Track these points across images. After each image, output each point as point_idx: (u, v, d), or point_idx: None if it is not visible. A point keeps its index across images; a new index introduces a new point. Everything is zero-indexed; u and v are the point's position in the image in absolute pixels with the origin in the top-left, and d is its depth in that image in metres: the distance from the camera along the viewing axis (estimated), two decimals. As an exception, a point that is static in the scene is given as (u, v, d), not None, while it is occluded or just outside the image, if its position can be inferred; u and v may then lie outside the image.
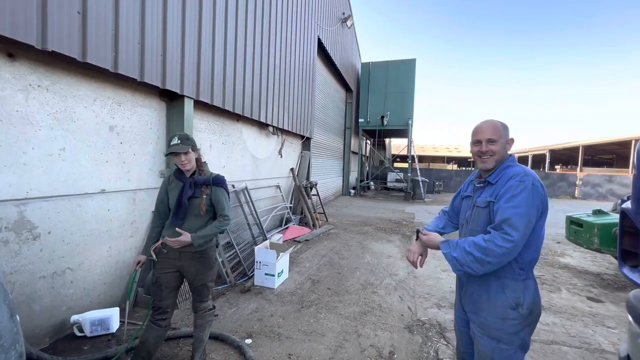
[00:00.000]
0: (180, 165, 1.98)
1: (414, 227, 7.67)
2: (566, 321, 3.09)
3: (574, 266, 4.92)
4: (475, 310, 1.44)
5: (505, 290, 1.35)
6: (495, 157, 1.42)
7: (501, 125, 1.45)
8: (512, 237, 1.22)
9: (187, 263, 2.02)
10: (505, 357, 1.34)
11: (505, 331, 1.34)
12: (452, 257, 1.36)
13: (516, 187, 1.29)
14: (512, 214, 1.25)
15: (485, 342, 1.38)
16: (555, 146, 23.75)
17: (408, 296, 3.60)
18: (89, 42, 2.34)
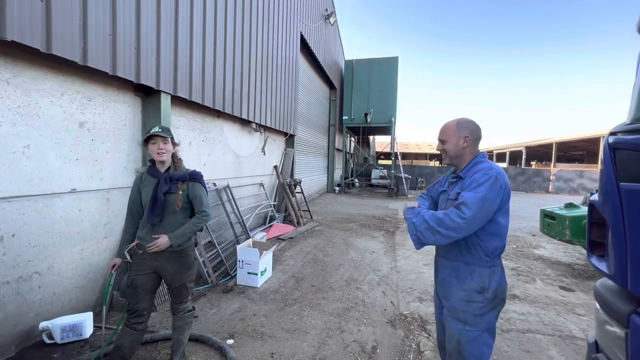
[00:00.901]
0: (157, 154, 1.88)
1: (397, 223, 7.78)
2: (540, 310, 3.22)
3: (547, 257, 5.14)
4: (446, 295, 1.53)
5: (473, 276, 1.44)
6: (448, 155, 1.57)
7: (456, 125, 1.55)
8: (465, 214, 1.33)
9: (164, 263, 1.94)
10: (470, 338, 1.42)
11: (471, 313, 1.42)
12: (412, 222, 1.48)
13: (480, 178, 1.40)
14: (470, 197, 1.35)
15: (453, 325, 1.47)
16: (531, 143, 24.73)
17: (391, 291, 3.65)
18: (54, 33, 2.20)
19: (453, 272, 1.51)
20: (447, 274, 1.54)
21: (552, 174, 18.84)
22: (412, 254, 5.11)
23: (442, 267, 1.59)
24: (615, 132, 1.24)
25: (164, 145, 1.89)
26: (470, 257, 1.45)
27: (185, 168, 2.07)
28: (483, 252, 1.43)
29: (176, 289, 2.02)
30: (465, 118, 1.57)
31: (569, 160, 31.18)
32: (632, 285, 1.09)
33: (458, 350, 1.45)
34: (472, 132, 1.53)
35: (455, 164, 1.58)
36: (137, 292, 1.91)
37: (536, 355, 2.45)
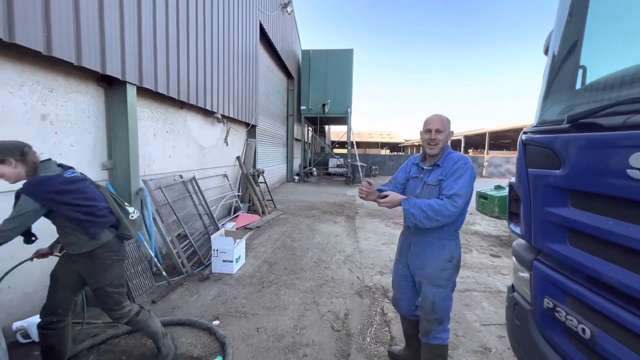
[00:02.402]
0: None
1: (356, 208, 8.35)
2: (475, 274, 3.93)
3: (481, 232, 6.08)
4: (421, 266, 1.86)
5: (445, 249, 1.81)
6: (439, 145, 1.82)
7: (447, 119, 1.86)
8: (458, 204, 1.67)
9: (78, 265, 1.89)
10: (442, 298, 1.82)
11: (443, 278, 1.81)
12: (410, 212, 1.71)
13: (462, 168, 1.73)
14: (460, 188, 1.68)
15: (429, 289, 1.84)
16: (468, 133, 27.52)
17: (356, 268, 4.09)
18: (16, 20, 2.09)
19: (427, 247, 1.82)
20: (422, 249, 1.84)
21: (486, 161, 21.34)
22: (372, 235, 5.64)
23: (417, 243, 1.88)
24: (526, 131, 1.71)
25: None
26: (442, 233, 1.78)
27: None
28: (454, 227, 1.80)
29: (96, 293, 1.93)
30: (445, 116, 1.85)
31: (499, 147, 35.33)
32: (534, 241, 1.57)
33: (432, 308, 1.82)
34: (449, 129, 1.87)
35: (436, 154, 1.84)
36: (57, 286, 1.91)
37: (473, 307, 3.06)
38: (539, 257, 1.55)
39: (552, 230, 1.41)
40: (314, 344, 2.44)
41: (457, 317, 2.87)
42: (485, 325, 2.76)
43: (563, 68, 1.58)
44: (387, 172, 21.17)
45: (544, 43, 1.85)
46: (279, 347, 2.39)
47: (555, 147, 1.38)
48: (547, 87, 1.64)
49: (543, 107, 1.65)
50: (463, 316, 2.90)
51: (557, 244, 1.37)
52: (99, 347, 2.33)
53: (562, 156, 1.34)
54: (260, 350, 2.36)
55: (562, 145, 1.35)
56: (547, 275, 1.43)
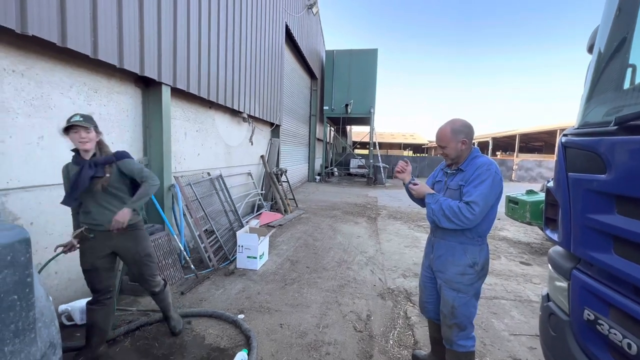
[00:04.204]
0: (79, 142, 1.87)
1: (378, 210, 8.26)
2: (504, 281, 3.77)
3: (510, 238, 5.82)
4: (442, 269, 1.84)
5: (466, 254, 1.76)
6: (449, 157, 1.82)
7: (451, 130, 1.77)
8: (474, 211, 1.62)
9: (121, 240, 2.05)
10: (462, 303, 1.77)
11: (464, 283, 1.76)
12: (431, 207, 1.74)
13: (483, 174, 1.67)
14: (478, 195, 1.64)
15: (449, 293, 1.81)
16: (497, 134, 26.39)
17: (378, 269, 4.05)
18: (68, 26, 2.26)
19: (449, 250, 1.79)
20: (444, 252, 1.81)
21: (515, 164, 20.38)
22: (394, 237, 5.57)
23: (438, 246, 1.86)
24: (566, 134, 1.62)
25: (85, 134, 1.87)
26: (464, 238, 1.74)
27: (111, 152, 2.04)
28: (477, 233, 1.74)
29: (142, 261, 2.13)
30: (458, 121, 1.77)
31: (530, 150, 33.62)
32: (574, 248, 1.49)
33: (452, 313, 1.79)
34: (467, 135, 1.75)
35: (456, 161, 1.83)
36: (99, 273, 2.05)
37: (501, 316, 2.95)
38: (579, 265, 1.47)
39: (595, 237, 1.33)
40: (336, 343, 2.45)
41: (485, 325, 2.77)
42: (515, 335, 2.65)
43: (610, 67, 1.49)
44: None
45: (588, 40, 1.75)
46: (301, 344, 2.42)
47: (600, 151, 1.30)
48: (591, 87, 1.55)
49: (586, 108, 1.56)
50: (491, 324, 2.80)
51: (600, 253, 1.30)
52: (134, 333, 2.47)
53: (607, 160, 1.27)
54: (284, 345, 2.40)
55: (608, 148, 1.27)
56: (587, 285, 1.36)
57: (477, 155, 1.81)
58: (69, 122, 1.83)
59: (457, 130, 1.77)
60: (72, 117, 1.86)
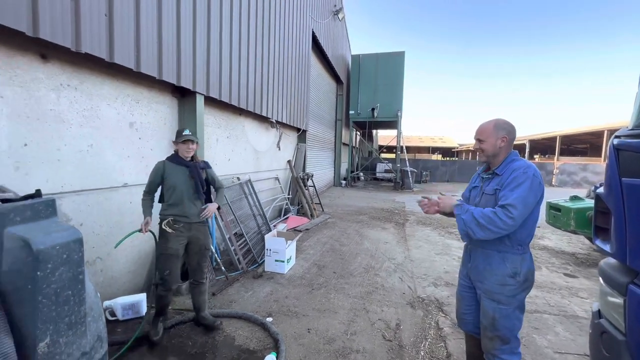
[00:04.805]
0: (186, 151, 2.42)
1: (406, 215, 8.06)
2: (546, 294, 3.51)
3: (551, 247, 5.41)
4: (480, 279, 1.74)
5: (506, 262, 1.65)
6: (485, 153, 1.75)
7: (494, 125, 1.72)
8: (512, 215, 1.52)
9: (196, 232, 2.49)
10: (504, 315, 1.65)
11: (505, 295, 1.65)
12: (461, 218, 1.64)
13: (520, 178, 1.57)
14: (515, 198, 1.54)
15: (489, 304, 1.70)
16: (534, 136, 24.81)
17: (407, 277, 3.94)
18: (115, 43, 2.46)
19: (487, 259, 1.69)
20: (482, 261, 1.72)
21: (556, 167, 19.01)
22: (424, 244, 5.39)
23: (475, 254, 1.77)
24: (619, 135, 1.49)
25: (192, 145, 2.44)
26: (502, 246, 1.64)
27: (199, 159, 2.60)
28: (516, 241, 1.61)
29: (204, 252, 2.56)
30: (502, 119, 1.72)
31: (572, 153, 31.24)
32: (630, 261, 1.36)
33: (493, 325, 1.68)
34: (509, 133, 1.68)
35: (491, 161, 1.75)
36: (178, 259, 2.43)
37: (544, 332, 2.74)
38: (636, 280, 1.34)
39: (656, 249, 1.21)
40: (364, 351, 2.41)
41: (525, 340, 2.59)
42: (561, 353, 2.45)
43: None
44: (438, 178, 20.08)
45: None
46: (329, 350, 2.40)
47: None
48: (648, 84, 1.42)
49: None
50: (532, 340, 2.61)
51: (663, 266, 1.17)
52: (169, 330, 2.59)
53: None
54: (312, 351, 2.40)
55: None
56: (648, 302, 1.23)
57: (515, 159, 1.71)
58: (183, 137, 2.38)
59: (500, 127, 1.71)
60: (183, 131, 2.41)
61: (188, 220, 2.43)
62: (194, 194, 2.44)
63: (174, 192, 2.39)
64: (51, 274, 1.18)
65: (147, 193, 2.45)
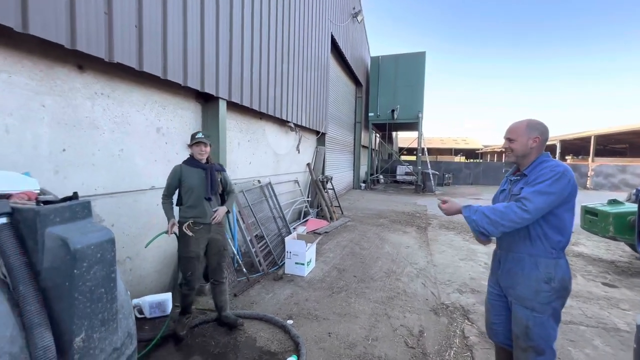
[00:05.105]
0: (199, 153, 2.47)
1: (428, 219, 7.86)
2: (582, 304, 3.28)
3: (587, 254, 5.08)
4: (512, 284, 1.65)
5: (539, 267, 1.56)
6: (514, 153, 1.67)
7: (526, 125, 1.64)
8: (527, 207, 1.45)
9: (215, 234, 2.57)
10: (538, 323, 1.56)
11: (539, 301, 1.55)
12: (472, 219, 1.58)
13: (547, 174, 1.50)
14: (532, 192, 1.47)
15: (521, 311, 1.60)
16: (566, 136, 23.47)
17: (430, 283, 3.82)
18: (144, 52, 2.58)
19: (518, 263, 1.61)
20: (512, 266, 1.64)
21: (591, 169, 17.88)
22: (447, 249, 5.22)
23: (505, 259, 1.69)
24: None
25: (205, 148, 2.47)
26: (534, 249, 1.56)
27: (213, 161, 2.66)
28: (549, 244, 1.54)
29: (222, 253, 2.63)
30: (536, 120, 1.64)
31: (609, 153, 29.26)
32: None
33: (526, 334, 1.58)
34: (542, 134, 1.61)
35: (520, 162, 1.67)
36: (199, 261, 2.52)
37: (580, 345, 2.56)
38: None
39: None
40: (386, 358, 2.35)
41: (560, 353, 2.43)
42: (600, 368, 2.28)
43: None
44: (462, 181, 19.44)
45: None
46: (350, 355, 2.37)
47: None
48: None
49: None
50: (567, 353, 2.44)
51: None
52: (193, 329, 2.65)
53: None
54: (333, 355, 2.37)
55: None
56: None
57: (546, 159, 1.62)
58: (196, 139, 2.43)
59: (533, 126, 1.63)
60: (197, 134, 2.46)
61: (207, 221, 2.49)
62: (209, 192, 2.50)
63: (192, 194, 2.45)
64: (86, 272, 1.24)
65: (166, 196, 2.51)
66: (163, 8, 2.77)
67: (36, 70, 2.08)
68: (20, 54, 2.00)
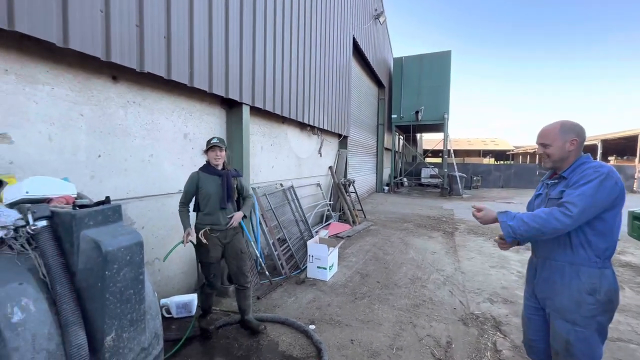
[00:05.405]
0: (215, 159, 2.46)
1: (455, 224, 7.56)
2: (632, 320, 2.99)
3: (636, 264, 4.64)
4: (550, 295, 1.53)
5: (581, 276, 1.43)
6: (551, 159, 1.55)
7: (560, 128, 1.52)
8: (571, 212, 1.33)
9: (232, 239, 2.58)
10: (581, 339, 1.42)
11: (581, 314, 1.42)
12: (507, 225, 1.48)
13: (590, 175, 1.39)
14: (577, 195, 1.35)
15: (561, 325, 1.47)
16: (608, 136, 21.74)
17: (458, 291, 3.65)
18: (172, 62, 2.69)
19: (556, 272, 1.50)
20: (550, 274, 1.53)
21: (638, 171, 16.42)
22: (476, 255, 4.98)
23: (542, 267, 1.58)
24: None
25: (220, 152, 2.46)
26: (576, 257, 1.44)
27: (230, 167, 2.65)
28: (593, 252, 1.42)
29: (242, 256, 2.62)
30: (570, 121, 1.54)
31: (659, 154, 26.69)
32: None
33: (567, 349, 1.45)
34: (579, 135, 1.50)
35: (557, 166, 1.56)
36: (219, 264, 2.62)
37: (631, 365, 2.32)
38: None
39: None
40: (412, 369, 2.26)
41: (606, 373, 2.22)
42: (655, 393, 2.05)
43: None
44: (491, 183, 18.55)
45: None
46: (374, 365, 2.31)
47: None
48: None
49: None
50: (615, 374, 2.23)
51: None
52: (217, 331, 2.70)
53: None
54: (355, 363, 2.32)
55: None
56: None
57: (587, 161, 1.49)
58: (210, 144, 2.44)
59: (568, 129, 1.51)
60: (212, 139, 2.46)
61: (222, 227, 2.50)
62: (225, 202, 2.48)
63: (208, 201, 2.45)
64: (117, 273, 1.29)
65: (183, 204, 2.50)
66: (189, 18, 2.88)
67: (75, 82, 2.23)
68: (62, 67, 2.15)
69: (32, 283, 1.19)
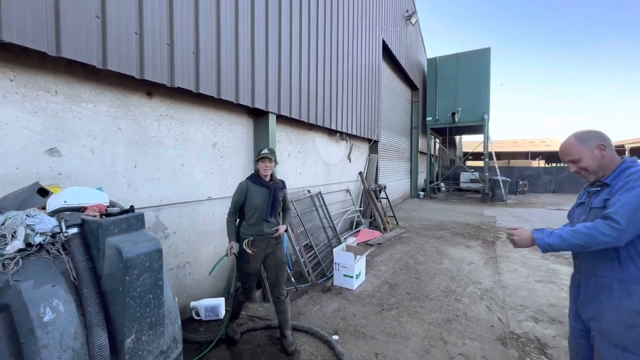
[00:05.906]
0: (263, 169, 2.48)
1: (496, 232, 7.01)
2: None
3: None
4: (595, 316, 1.36)
5: (632, 296, 1.26)
6: (590, 171, 1.43)
7: (576, 140, 1.44)
8: (619, 225, 1.19)
9: (273, 249, 2.57)
10: None
11: (632, 339, 1.24)
12: (545, 242, 1.38)
13: (635, 181, 1.25)
14: (622, 205, 1.22)
15: (608, 350, 1.30)
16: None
17: (497, 306, 3.35)
18: (201, 76, 2.84)
19: (603, 290, 1.36)
20: (595, 293, 1.39)
21: None
22: (520, 268, 4.55)
23: (586, 284, 1.43)
24: None
25: (269, 163, 2.47)
26: (625, 274, 1.29)
27: (277, 178, 2.64)
28: None
29: (281, 266, 2.59)
30: (581, 130, 1.48)
31: None
32: None
33: None
34: (602, 138, 1.41)
35: (600, 176, 1.42)
36: (255, 277, 2.62)
37: None
38: None
39: None
40: (440, 391, 2.10)
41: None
42: None
43: None
44: (541, 188, 17.00)
45: None
46: (398, 382, 2.18)
47: None
48: None
49: None
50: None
51: None
52: (242, 336, 2.74)
53: None
54: (378, 379, 2.21)
55: None
56: None
57: (632, 165, 1.35)
58: (260, 155, 2.47)
59: (585, 137, 1.42)
60: (262, 150, 2.49)
61: (265, 238, 2.50)
62: (269, 215, 2.49)
63: (255, 212, 2.45)
64: (136, 279, 1.36)
65: (232, 213, 2.51)
66: (217, 32, 3.02)
67: (114, 99, 2.44)
68: (103, 86, 2.37)
69: (63, 285, 1.30)
